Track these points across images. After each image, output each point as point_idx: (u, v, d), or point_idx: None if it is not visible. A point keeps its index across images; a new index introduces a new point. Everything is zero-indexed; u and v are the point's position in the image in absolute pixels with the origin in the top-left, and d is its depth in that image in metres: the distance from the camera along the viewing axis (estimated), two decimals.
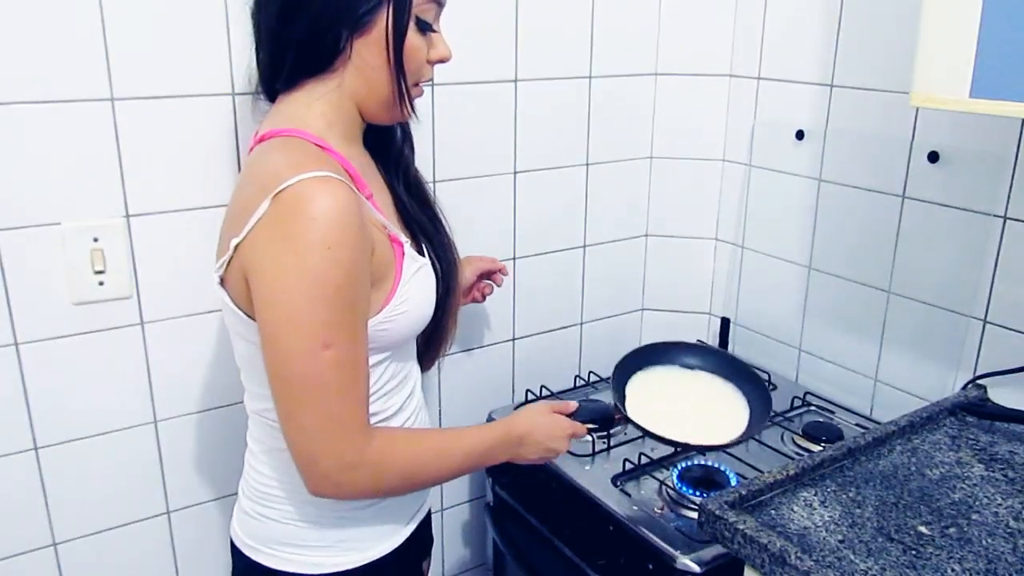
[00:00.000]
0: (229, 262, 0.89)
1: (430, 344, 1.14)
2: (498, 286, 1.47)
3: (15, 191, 1.12)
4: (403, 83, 0.95)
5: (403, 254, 0.96)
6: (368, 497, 0.99)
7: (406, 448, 0.95)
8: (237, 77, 1.22)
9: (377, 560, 1.03)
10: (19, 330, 1.16)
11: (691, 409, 1.30)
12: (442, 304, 1.07)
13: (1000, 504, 1.03)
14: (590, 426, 1.16)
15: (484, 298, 1.46)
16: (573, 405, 1.15)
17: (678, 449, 1.37)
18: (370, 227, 0.90)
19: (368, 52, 0.93)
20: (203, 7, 1.18)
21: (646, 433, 1.21)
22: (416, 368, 1.11)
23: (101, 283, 1.20)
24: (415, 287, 0.97)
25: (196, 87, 1.20)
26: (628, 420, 1.23)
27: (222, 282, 0.92)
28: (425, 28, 0.95)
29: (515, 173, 1.57)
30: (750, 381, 1.32)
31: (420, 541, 1.15)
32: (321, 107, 0.95)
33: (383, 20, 0.92)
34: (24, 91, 1.09)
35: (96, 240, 1.18)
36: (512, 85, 1.51)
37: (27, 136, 1.11)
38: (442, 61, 0.99)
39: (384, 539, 1.04)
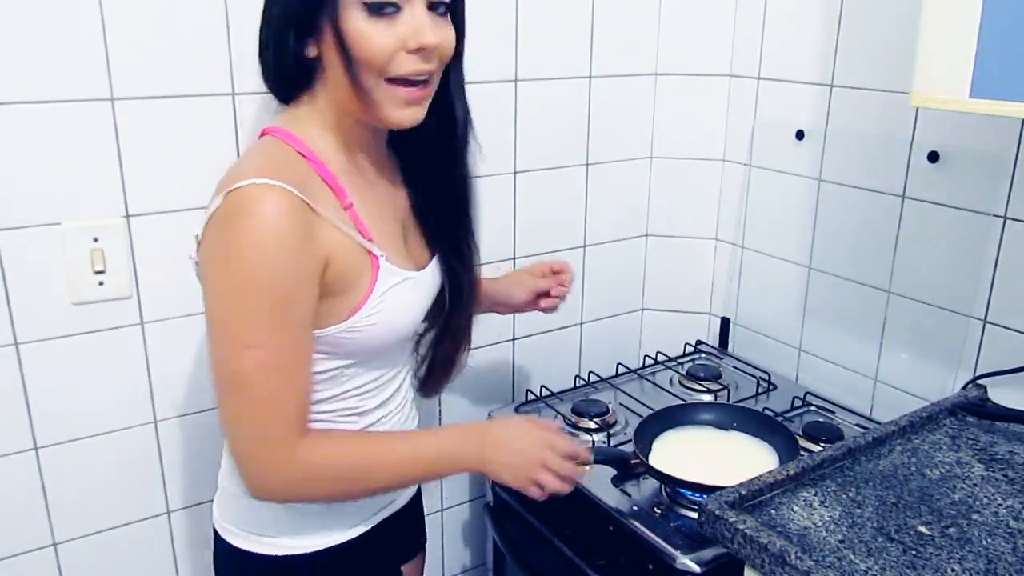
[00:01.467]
0: (197, 252, 0.91)
1: (431, 370, 1.12)
2: (560, 299, 1.34)
3: (15, 191, 1.12)
4: (362, 82, 0.88)
5: (378, 267, 0.94)
6: (307, 502, 0.97)
7: (340, 454, 0.93)
8: (237, 77, 1.22)
9: (337, 546, 1.02)
10: (19, 330, 1.16)
11: (717, 461, 1.30)
12: (446, 323, 1.05)
13: (1000, 504, 1.03)
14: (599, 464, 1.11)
15: (552, 309, 1.35)
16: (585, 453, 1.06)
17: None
18: (323, 239, 0.88)
19: (328, 56, 0.89)
20: (203, 7, 1.18)
21: (667, 479, 1.21)
22: (403, 377, 1.08)
23: (101, 283, 1.20)
24: (390, 301, 0.95)
25: (196, 87, 1.20)
26: (648, 467, 1.24)
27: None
28: (378, 9, 0.86)
29: (515, 173, 1.57)
30: (777, 434, 1.32)
31: (394, 535, 1.12)
32: (314, 115, 0.94)
33: (325, 18, 0.87)
34: (24, 91, 1.09)
35: (96, 240, 1.18)
36: (512, 85, 1.51)
37: (27, 136, 1.11)
38: (419, 49, 0.87)
39: (348, 526, 1.04)
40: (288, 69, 0.91)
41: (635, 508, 1.25)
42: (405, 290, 0.97)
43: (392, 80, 0.88)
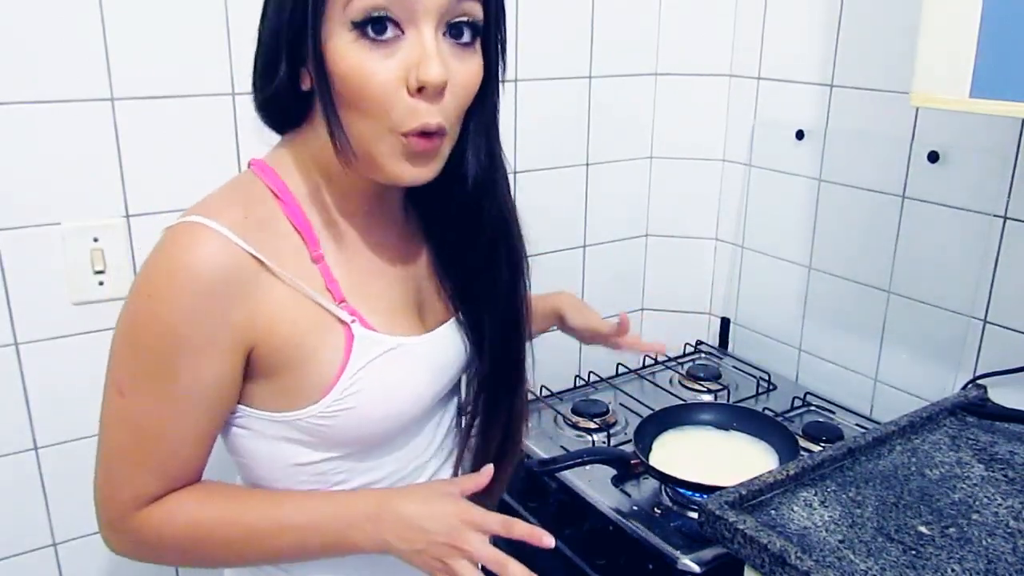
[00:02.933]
0: None
1: (481, 458, 0.89)
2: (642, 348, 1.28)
3: (15, 191, 1.12)
4: (349, 128, 0.70)
5: (352, 336, 0.76)
6: (148, 562, 0.80)
7: (179, 522, 0.76)
8: (237, 77, 1.22)
9: None
10: (19, 330, 1.16)
11: (717, 461, 1.30)
12: (481, 387, 0.87)
13: (1000, 504, 1.03)
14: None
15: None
16: (485, 477, 0.82)
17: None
18: (264, 300, 0.72)
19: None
20: (203, 7, 1.18)
21: (667, 479, 1.21)
22: (433, 469, 0.89)
23: (101, 283, 1.20)
24: (373, 378, 0.77)
25: (196, 87, 1.20)
26: (648, 467, 1.24)
27: None
28: (369, 28, 0.66)
29: (515, 173, 1.56)
30: (777, 434, 1.32)
31: None
32: (303, 155, 0.78)
33: (310, 39, 0.68)
34: (24, 91, 1.09)
35: (96, 240, 1.18)
36: (512, 85, 1.51)
37: (27, 136, 1.11)
38: (422, 88, 0.67)
39: None
40: (278, 102, 0.75)
41: (635, 508, 1.25)
42: (394, 360, 0.78)
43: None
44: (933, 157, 1.32)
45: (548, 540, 0.79)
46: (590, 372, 1.68)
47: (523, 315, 0.90)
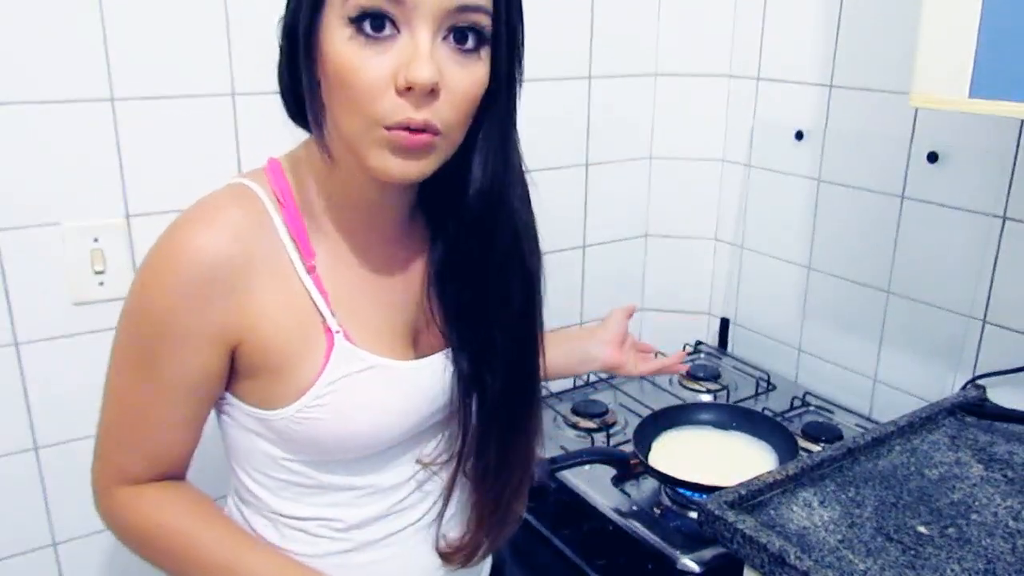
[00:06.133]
0: None
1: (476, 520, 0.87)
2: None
3: (15, 191, 1.12)
4: (340, 122, 0.70)
5: (332, 346, 0.76)
6: (123, 543, 0.84)
7: (148, 521, 0.80)
8: (237, 77, 1.22)
9: None
10: (19, 330, 1.16)
11: (716, 461, 1.30)
12: (471, 437, 0.83)
13: (999, 504, 1.04)
14: None
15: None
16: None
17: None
18: (244, 303, 0.74)
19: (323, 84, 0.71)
20: (203, 8, 1.18)
21: (666, 479, 1.21)
22: (405, 496, 0.85)
23: (101, 283, 1.20)
24: (347, 391, 0.76)
25: (196, 87, 1.20)
26: (648, 467, 1.24)
27: None
28: (364, 23, 0.65)
29: None
30: (777, 434, 1.32)
31: None
32: (313, 155, 0.77)
33: (303, 30, 0.69)
34: (24, 91, 1.09)
35: (96, 240, 1.18)
36: None
37: (27, 136, 1.11)
38: (409, 88, 0.66)
39: None
40: (285, 94, 0.77)
41: (635, 508, 1.25)
42: (372, 379, 0.78)
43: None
44: (932, 157, 1.32)
45: None
46: (590, 372, 1.68)
47: (534, 343, 0.85)
